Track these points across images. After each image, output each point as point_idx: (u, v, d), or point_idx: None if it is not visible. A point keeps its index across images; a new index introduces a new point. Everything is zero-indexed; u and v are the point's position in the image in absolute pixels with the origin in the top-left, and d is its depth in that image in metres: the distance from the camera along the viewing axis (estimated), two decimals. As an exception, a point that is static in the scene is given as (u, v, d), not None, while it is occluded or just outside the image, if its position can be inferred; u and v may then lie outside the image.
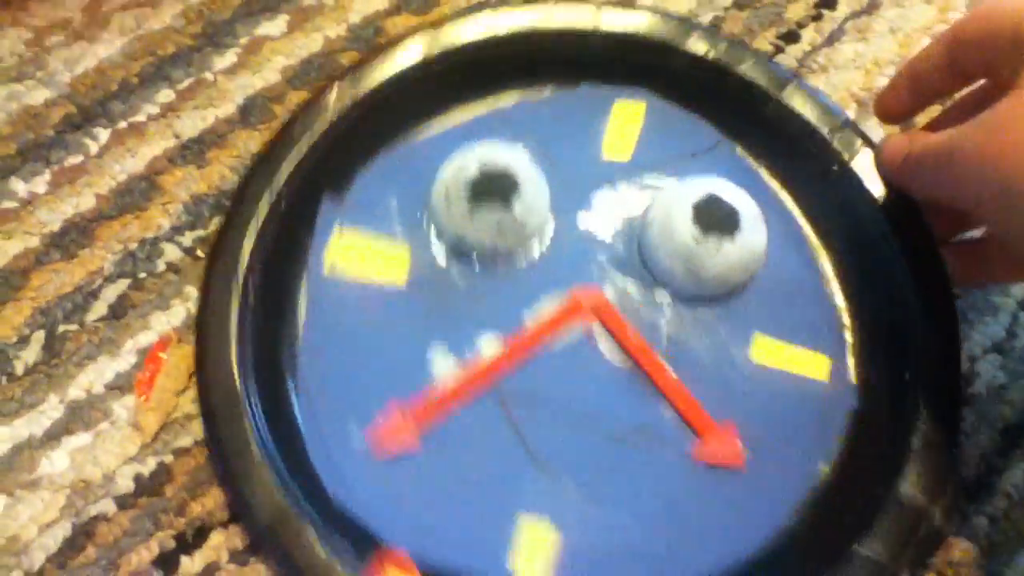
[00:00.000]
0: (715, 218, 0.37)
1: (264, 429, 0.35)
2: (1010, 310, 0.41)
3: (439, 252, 0.39)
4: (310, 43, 0.45)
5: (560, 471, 0.36)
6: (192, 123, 0.42)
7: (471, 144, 0.39)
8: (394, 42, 0.41)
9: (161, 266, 0.39)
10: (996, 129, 0.31)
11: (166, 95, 0.43)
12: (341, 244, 0.39)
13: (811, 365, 0.39)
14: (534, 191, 0.38)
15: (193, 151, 0.42)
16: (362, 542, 0.34)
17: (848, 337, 0.39)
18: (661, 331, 0.39)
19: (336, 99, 0.40)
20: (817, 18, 0.47)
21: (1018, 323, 0.41)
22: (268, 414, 0.35)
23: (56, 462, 0.36)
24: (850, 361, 0.39)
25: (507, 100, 0.43)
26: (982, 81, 0.37)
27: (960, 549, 0.37)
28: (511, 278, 0.39)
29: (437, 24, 0.41)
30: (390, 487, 0.35)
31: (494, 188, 0.37)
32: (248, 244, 0.37)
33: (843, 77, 0.44)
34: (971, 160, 0.32)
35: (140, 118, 0.42)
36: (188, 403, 0.37)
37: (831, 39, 0.47)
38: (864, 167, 0.40)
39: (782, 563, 0.35)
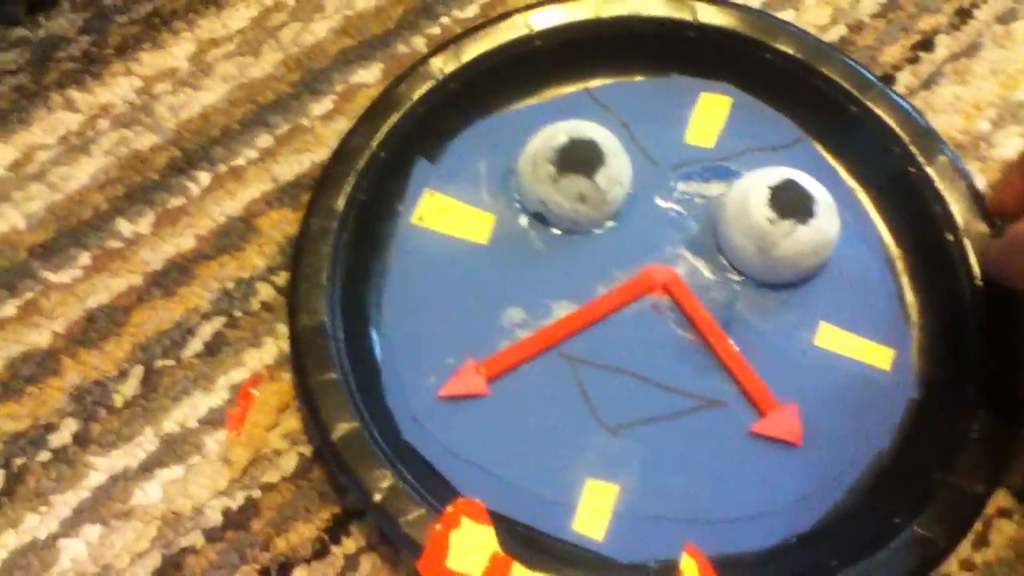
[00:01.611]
0: (791, 202, 0.38)
1: (344, 358, 0.37)
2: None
3: (522, 217, 0.41)
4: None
5: (623, 433, 0.37)
6: (289, 167, 0.43)
7: (563, 119, 0.41)
8: (501, 17, 0.44)
9: (255, 305, 0.41)
10: None
11: (265, 140, 0.44)
12: (431, 203, 0.41)
13: (874, 354, 0.39)
14: (618, 165, 0.40)
15: (289, 194, 0.43)
16: (428, 479, 0.36)
17: (912, 332, 0.40)
18: (730, 311, 0.40)
19: (439, 67, 0.43)
20: (914, 60, 0.46)
21: None
22: (349, 346, 0.37)
23: (149, 493, 0.37)
24: (913, 354, 0.40)
25: (599, 81, 0.45)
26: None
27: None
28: (588, 248, 0.41)
29: (543, 3, 0.44)
30: (458, 430, 0.37)
31: (580, 157, 0.39)
32: (346, 189, 0.40)
33: (941, 121, 0.43)
34: None
35: (240, 162, 0.44)
36: (277, 439, 0.38)
37: (928, 82, 0.46)
38: (939, 172, 0.41)
39: (833, 537, 0.36)
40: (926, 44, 0.47)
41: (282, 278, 0.41)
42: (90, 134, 0.44)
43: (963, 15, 0.48)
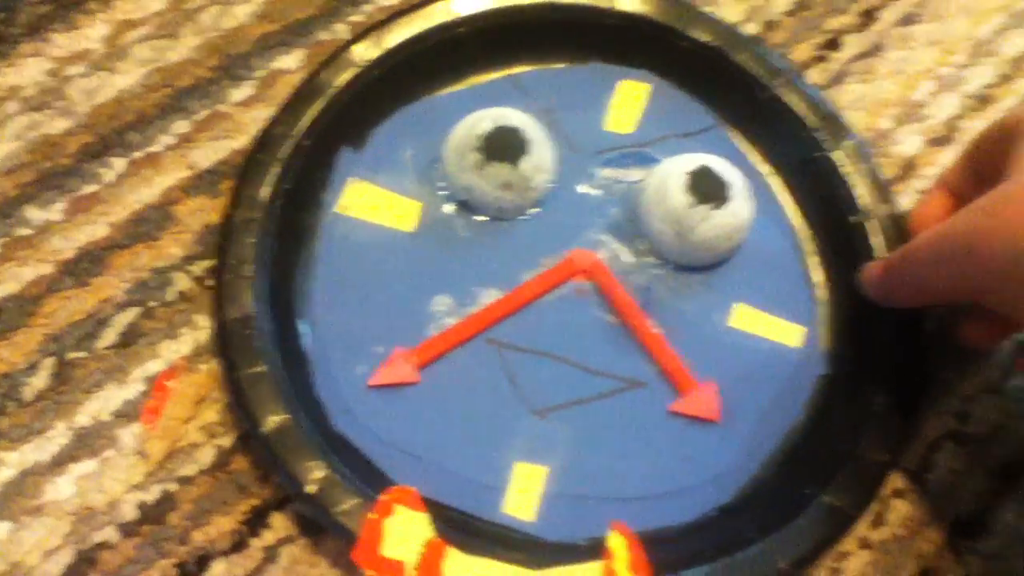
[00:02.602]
0: (707, 187, 0.39)
1: (272, 350, 0.37)
2: (1006, 350, 0.41)
3: (448, 204, 0.42)
4: (323, 78, 0.45)
5: (550, 416, 0.38)
6: (207, 154, 0.43)
7: (486, 106, 0.41)
8: (423, 3, 0.44)
9: (172, 295, 0.40)
10: (992, 210, 0.31)
11: (182, 126, 0.44)
12: (356, 192, 0.42)
13: (786, 333, 0.41)
14: (541, 152, 0.40)
15: (207, 182, 0.42)
16: (361, 468, 0.36)
17: (821, 310, 0.42)
18: (650, 294, 0.41)
19: (361, 54, 0.43)
20: (822, 59, 0.48)
21: (1013, 364, 0.41)
22: (277, 337, 0.38)
23: (61, 489, 0.36)
24: (821, 331, 0.41)
25: (521, 68, 0.45)
26: None
27: (955, 589, 0.37)
28: (513, 235, 0.42)
29: None
30: (389, 418, 0.38)
31: (504, 145, 0.40)
32: (270, 178, 0.40)
33: (846, 117, 0.45)
34: (968, 240, 0.32)
35: (156, 148, 0.43)
36: (195, 431, 0.38)
37: (835, 80, 0.47)
38: (844, 156, 0.43)
39: (752, 509, 0.38)
40: (834, 43, 0.49)
41: (200, 268, 0.41)
42: (-3, 117, 0.43)
43: (868, 16, 0.49)
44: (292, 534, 0.36)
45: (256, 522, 0.36)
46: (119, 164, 0.43)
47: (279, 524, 0.36)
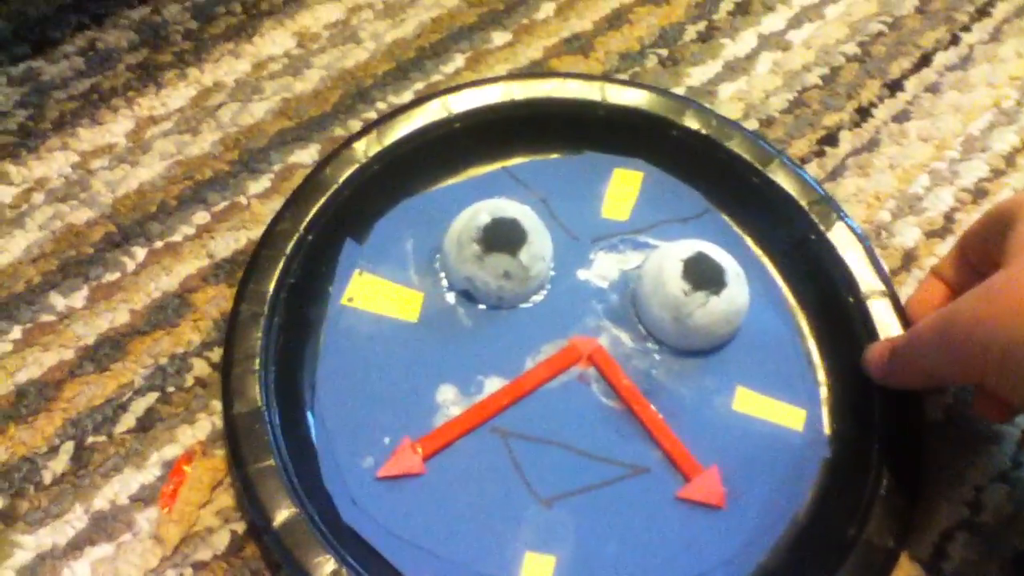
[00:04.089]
0: (703, 274, 0.40)
1: (281, 444, 0.37)
2: (1014, 439, 0.42)
3: (450, 294, 0.43)
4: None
5: (556, 505, 0.38)
6: (225, 244, 0.44)
7: (483, 198, 0.43)
8: (420, 101, 0.46)
9: (189, 381, 0.41)
10: (991, 297, 0.33)
11: (202, 217, 0.45)
12: (360, 283, 0.43)
13: (788, 416, 0.41)
14: (539, 242, 0.42)
15: (225, 270, 0.44)
16: (370, 561, 0.36)
17: (822, 392, 0.42)
18: (651, 379, 0.41)
19: (362, 150, 0.44)
20: (820, 154, 0.50)
21: (1023, 452, 0.41)
22: (285, 431, 0.38)
23: (78, 572, 0.36)
24: (823, 413, 0.42)
25: (517, 160, 0.47)
26: None
27: None
28: (515, 323, 0.42)
29: (460, 87, 0.46)
30: (397, 510, 0.38)
31: (503, 236, 0.41)
32: (276, 273, 0.41)
33: (848, 210, 0.46)
34: (968, 327, 0.33)
35: (176, 238, 0.44)
36: (210, 516, 0.38)
37: (834, 174, 0.49)
38: (838, 237, 0.44)
39: None
40: (831, 139, 0.50)
41: (217, 354, 0.41)
42: (24, 207, 0.44)
43: (863, 113, 0.51)
44: (305, 620, 0.36)
45: (270, 607, 0.36)
46: (140, 253, 0.44)
47: (292, 610, 0.36)
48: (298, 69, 0.50)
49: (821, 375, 0.43)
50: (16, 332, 0.41)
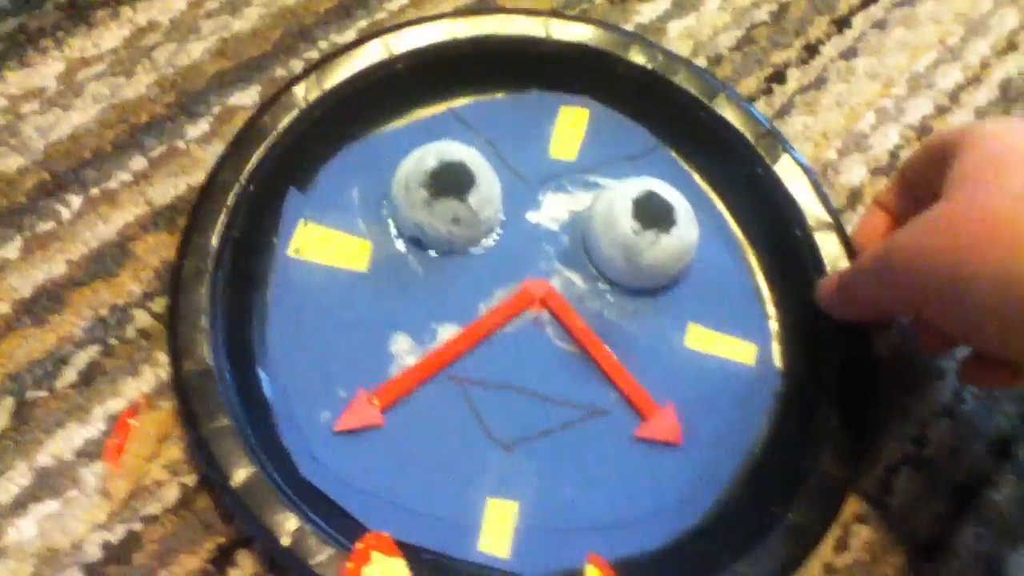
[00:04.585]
0: (653, 212, 0.40)
1: (234, 402, 0.37)
2: (955, 373, 0.43)
3: (399, 242, 0.42)
4: (282, 113, 0.46)
5: (517, 450, 0.38)
6: (164, 190, 0.43)
7: (429, 141, 0.42)
8: (359, 42, 0.44)
9: (131, 332, 0.40)
10: (928, 229, 0.33)
11: (139, 162, 0.43)
12: (306, 233, 0.42)
13: (740, 351, 0.42)
14: (488, 185, 0.41)
15: (165, 218, 0.42)
16: (333, 516, 0.36)
17: (772, 326, 0.43)
18: (604, 320, 0.41)
19: (301, 95, 0.43)
20: (768, 92, 0.49)
21: (965, 387, 0.42)
22: (238, 388, 0.37)
23: (23, 530, 0.36)
24: (774, 347, 0.42)
25: (463, 100, 0.46)
26: None
27: (915, 609, 0.38)
28: (467, 268, 0.42)
29: (401, 26, 0.45)
30: (357, 463, 0.37)
31: (451, 180, 0.40)
32: (218, 226, 0.39)
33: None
34: (907, 258, 0.33)
35: (113, 185, 0.43)
36: (158, 470, 0.37)
37: (781, 112, 0.49)
38: (785, 170, 0.44)
39: (720, 531, 0.38)
40: (779, 77, 0.50)
41: (159, 304, 0.40)
42: (-50, 156, 0.43)
43: (811, 51, 0.51)
44: (259, 571, 0.36)
45: (223, 560, 0.36)
46: (75, 201, 0.42)
47: (246, 562, 0.36)
48: (236, 7, 0.48)
49: (771, 309, 0.43)
50: (-52, 285, 0.40)
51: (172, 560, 0.36)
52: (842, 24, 0.52)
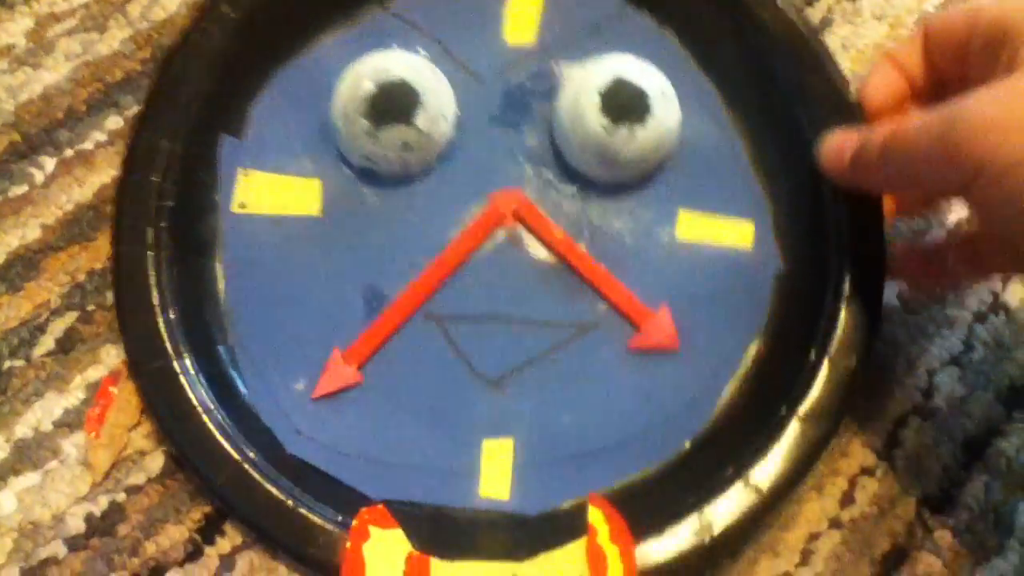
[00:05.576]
0: (624, 104, 0.36)
1: (204, 392, 0.35)
2: (966, 322, 0.41)
3: (350, 173, 0.38)
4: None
5: (506, 384, 0.37)
6: (141, 150, 0.41)
7: (364, 55, 0.38)
8: None
9: (110, 298, 0.38)
10: (1010, 101, 0.29)
11: (114, 122, 0.42)
12: (248, 184, 0.38)
13: (735, 233, 0.39)
14: (437, 98, 0.37)
15: (143, 179, 0.41)
16: (327, 488, 0.34)
17: (768, 200, 0.39)
18: (585, 223, 0.38)
19: (213, 22, 0.38)
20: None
21: (975, 335, 0.41)
22: (206, 375, 0.35)
23: (3, 504, 0.35)
24: (772, 223, 0.39)
25: None
26: None
27: (924, 563, 0.37)
28: (429, 193, 0.38)
29: None
30: (343, 427, 0.36)
31: (393, 104, 0.36)
32: (149, 200, 0.36)
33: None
34: (982, 129, 0.30)
35: (87, 146, 0.41)
36: (140, 439, 0.36)
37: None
38: (776, 25, 0.39)
39: (725, 438, 0.36)
40: None
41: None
42: (-84, 118, 0.41)
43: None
44: (248, 540, 0.35)
45: (210, 529, 0.35)
46: (49, 164, 0.41)
47: (234, 530, 0.35)
48: (211, -43, 0.46)
49: (766, 182, 0.39)
50: (-83, 253, 0.39)
51: (158, 531, 0.35)
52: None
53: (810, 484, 0.37)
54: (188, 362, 0.35)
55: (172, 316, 0.35)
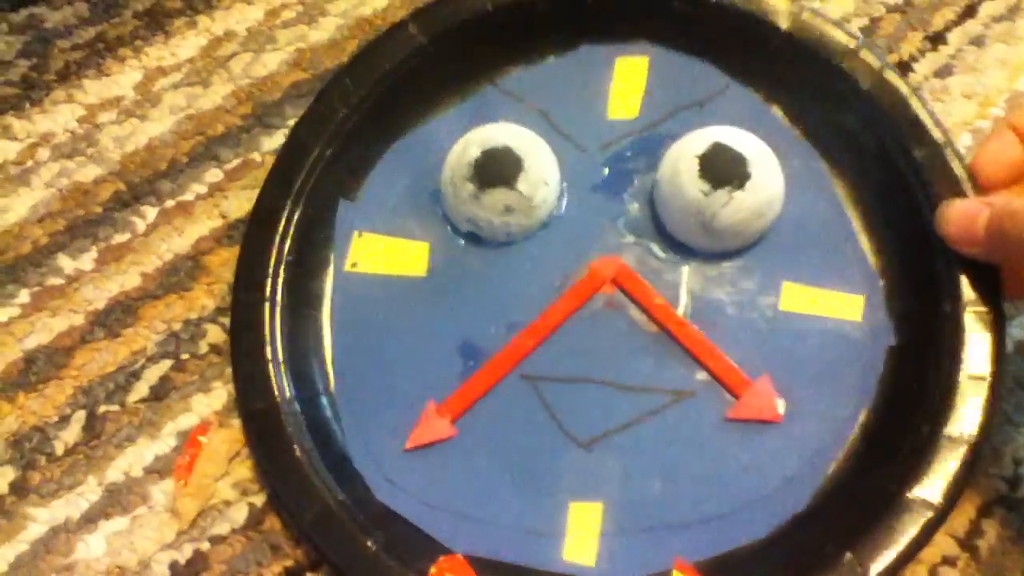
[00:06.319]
0: (722, 168, 0.36)
1: (303, 433, 0.36)
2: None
3: (456, 238, 0.40)
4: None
5: (597, 447, 0.36)
6: (239, 203, 0.42)
7: (475, 125, 0.39)
8: (385, 33, 0.42)
9: (203, 347, 0.39)
10: None
11: (214, 174, 0.43)
12: (361, 244, 0.40)
13: (844, 306, 0.38)
14: (539, 165, 0.38)
15: (239, 231, 0.42)
16: (410, 538, 0.35)
17: (879, 273, 0.38)
18: (685, 291, 0.38)
19: (338, 99, 0.41)
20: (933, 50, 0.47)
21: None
22: (306, 418, 0.36)
23: (92, 547, 0.36)
24: (884, 296, 0.38)
25: (506, 72, 0.42)
26: None
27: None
28: (530, 258, 0.39)
29: (428, 7, 0.42)
30: (432, 479, 0.36)
31: (496, 168, 0.37)
32: (271, 253, 0.38)
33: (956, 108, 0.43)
34: None
35: (188, 197, 0.43)
36: (227, 489, 0.37)
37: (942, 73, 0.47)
38: (887, 96, 0.38)
39: (830, 515, 0.35)
40: (939, 37, 0.48)
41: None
42: (29, 164, 0.43)
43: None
44: (326, 594, 0.36)
45: (290, 583, 0.36)
46: (150, 213, 0.42)
47: (313, 584, 0.36)
48: (313, 17, 0.47)
49: (876, 254, 0.38)
50: (23, 296, 0.40)
51: (239, 582, 0.35)
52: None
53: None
54: (291, 406, 0.36)
55: (281, 362, 0.37)
